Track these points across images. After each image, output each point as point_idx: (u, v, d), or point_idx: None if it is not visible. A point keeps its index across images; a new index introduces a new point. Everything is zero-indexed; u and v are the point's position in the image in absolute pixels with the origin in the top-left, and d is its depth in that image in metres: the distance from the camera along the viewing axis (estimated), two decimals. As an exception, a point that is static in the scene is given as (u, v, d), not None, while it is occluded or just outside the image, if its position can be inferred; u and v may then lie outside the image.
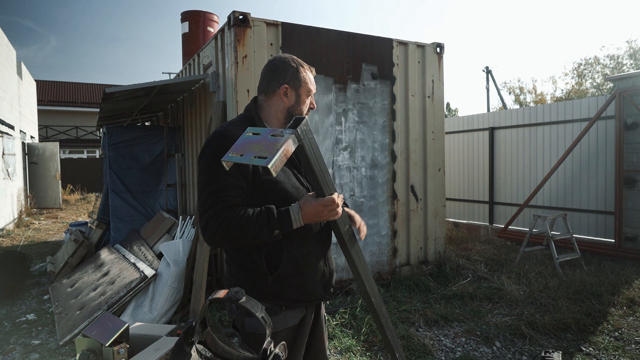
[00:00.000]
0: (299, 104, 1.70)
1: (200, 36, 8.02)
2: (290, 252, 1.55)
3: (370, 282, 1.75)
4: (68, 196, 16.52)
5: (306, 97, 1.71)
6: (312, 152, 1.41)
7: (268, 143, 1.27)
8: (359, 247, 1.72)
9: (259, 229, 1.43)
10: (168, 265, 4.29)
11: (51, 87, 26.47)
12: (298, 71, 1.69)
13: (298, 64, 1.69)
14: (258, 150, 1.27)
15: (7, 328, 4.11)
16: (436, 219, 5.58)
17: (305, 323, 1.66)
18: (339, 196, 1.58)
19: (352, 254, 1.67)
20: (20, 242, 8.29)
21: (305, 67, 1.71)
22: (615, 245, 6.05)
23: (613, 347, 3.47)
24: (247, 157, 1.26)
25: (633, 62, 23.00)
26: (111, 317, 1.62)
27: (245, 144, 1.32)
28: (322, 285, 1.66)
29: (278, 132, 1.30)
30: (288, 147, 1.26)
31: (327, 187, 1.49)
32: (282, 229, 1.45)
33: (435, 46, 5.53)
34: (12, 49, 11.62)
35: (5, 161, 10.11)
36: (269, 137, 1.30)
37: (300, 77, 1.69)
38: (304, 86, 1.70)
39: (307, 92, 1.71)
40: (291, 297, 1.58)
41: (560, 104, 7.04)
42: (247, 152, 1.28)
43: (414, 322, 3.98)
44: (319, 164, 1.46)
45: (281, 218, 1.45)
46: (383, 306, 1.81)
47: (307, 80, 1.71)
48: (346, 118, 4.87)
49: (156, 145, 6.70)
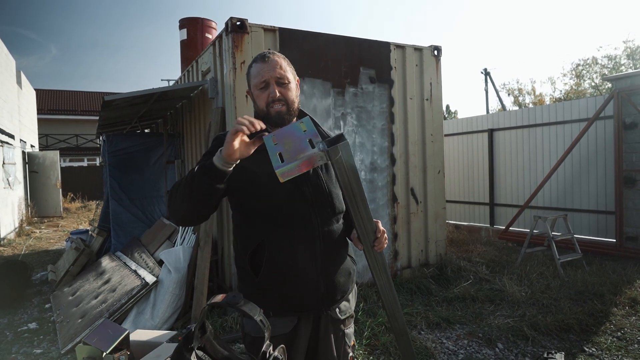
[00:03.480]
0: (255, 102, 1.56)
1: (199, 43, 8.04)
2: (273, 257, 1.48)
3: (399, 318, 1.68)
4: (69, 204, 16.52)
5: (257, 91, 1.53)
6: (343, 175, 1.29)
7: (299, 147, 1.19)
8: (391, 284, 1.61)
9: (185, 179, 1.34)
10: (169, 272, 4.29)
11: (51, 96, 26.54)
12: (248, 69, 1.58)
13: (252, 61, 1.57)
14: (287, 148, 1.20)
15: (8, 337, 4.11)
16: (437, 221, 5.57)
17: (299, 335, 1.53)
18: (380, 229, 1.48)
19: (383, 291, 1.59)
20: (22, 251, 8.29)
21: (256, 60, 1.55)
22: (616, 245, 6.04)
23: (616, 347, 3.46)
24: (275, 148, 1.19)
25: (631, 62, 23.05)
26: (111, 324, 1.62)
27: (287, 134, 1.22)
28: (317, 297, 1.53)
29: (317, 140, 1.21)
30: (310, 161, 1.17)
31: (359, 213, 1.38)
32: (202, 165, 1.30)
33: (433, 49, 5.55)
34: (11, 58, 11.67)
35: (6, 170, 10.13)
36: (306, 140, 1.21)
37: (249, 74, 1.57)
38: (251, 81, 1.56)
39: (255, 85, 1.54)
40: (276, 303, 1.50)
41: (559, 105, 7.05)
42: (281, 143, 1.20)
43: (416, 325, 3.98)
44: (352, 189, 1.33)
45: (206, 155, 1.37)
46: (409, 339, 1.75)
47: (253, 73, 1.55)
48: (345, 122, 4.88)
49: (156, 152, 6.72)
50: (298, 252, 1.49)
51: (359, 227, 1.44)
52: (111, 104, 4.93)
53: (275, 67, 1.51)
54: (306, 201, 1.51)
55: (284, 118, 1.51)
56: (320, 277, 1.52)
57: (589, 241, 6.38)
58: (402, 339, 1.71)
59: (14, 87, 11.79)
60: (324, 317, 1.57)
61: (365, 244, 1.48)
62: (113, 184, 6.37)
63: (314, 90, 4.68)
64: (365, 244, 1.48)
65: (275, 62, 1.53)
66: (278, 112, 1.50)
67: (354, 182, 1.33)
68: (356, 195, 1.36)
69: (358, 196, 1.36)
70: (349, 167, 1.28)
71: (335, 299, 1.58)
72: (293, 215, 1.50)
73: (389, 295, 1.61)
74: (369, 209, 1.43)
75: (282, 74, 1.52)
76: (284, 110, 1.51)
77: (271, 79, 1.50)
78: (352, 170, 1.30)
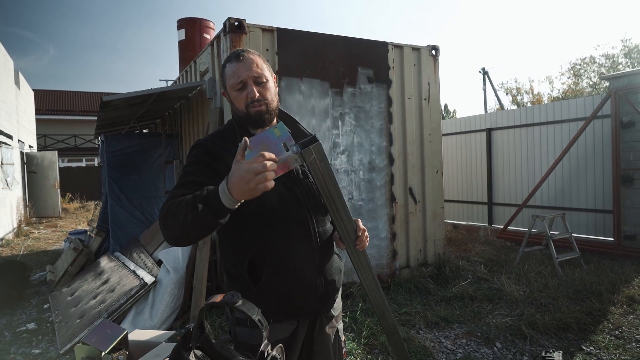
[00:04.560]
0: (233, 104, 1.50)
1: (197, 43, 8.04)
2: (273, 263, 1.44)
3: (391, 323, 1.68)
4: (67, 205, 16.50)
5: (234, 92, 1.47)
6: (319, 177, 1.30)
7: (273, 151, 1.18)
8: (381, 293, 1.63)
9: (185, 207, 1.22)
10: (168, 272, 4.29)
11: (49, 96, 26.51)
12: (222, 69, 1.51)
13: (225, 61, 1.51)
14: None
15: (7, 338, 4.11)
16: (435, 220, 5.58)
17: (297, 338, 1.51)
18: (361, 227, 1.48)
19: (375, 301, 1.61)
20: (20, 252, 8.28)
21: (230, 59, 1.49)
22: (614, 243, 6.06)
23: (614, 345, 3.47)
24: (250, 154, 1.16)
25: (628, 60, 23.10)
26: (110, 324, 1.63)
27: (261, 140, 1.22)
28: (317, 298, 1.51)
29: (290, 143, 1.22)
30: (285, 164, 1.19)
31: (338, 213, 1.38)
32: (207, 202, 1.18)
33: (431, 49, 5.56)
34: (9, 59, 11.65)
35: (4, 171, 10.11)
36: (280, 144, 1.21)
37: (224, 74, 1.50)
38: (227, 82, 1.49)
39: (232, 86, 1.47)
40: (277, 309, 1.45)
41: (557, 104, 7.07)
42: (256, 149, 1.18)
43: (414, 325, 3.98)
44: (329, 190, 1.33)
45: (208, 190, 1.21)
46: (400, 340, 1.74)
47: (228, 73, 1.48)
48: (343, 122, 4.88)
49: (154, 152, 6.72)
50: (297, 254, 1.46)
51: (339, 227, 1.44)
52: (109, 105, 4.93)
53: (252, 66, 1.45)
54: (299, 202, 1.48)
55: (264, 118, 1.47)
56: (318, 278, 1.51)
57: (586, 240, 6.40)
58: (393, 338, 1.71)
59: (11, 87, 11.77)
60: (320, 316, 1.57)
61: (347, 244, 1.48)
62: (111, 184, 6.36)
63: (312, 91, 4.68)
64: (347, 244, 1.48)
65: (251, 60, 1.46)
66: (258, 112, 1.46)
67: (330, 183, 1.32)
68: (333, 196, 1.35)
69: (335, 196, 1.36)
70: (323, 168, 1.28)
71: (333, 298, 1.59)
72: (289, 217, 1.47)
73: (377, 296, 1.61)
74: (347, 209, 1.43)
75: (260, 72, 1.46)
76: (264, 109, 1.46)
77: (248, 79, 1.44)
78: (326, 171, 1.30)
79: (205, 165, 1.42)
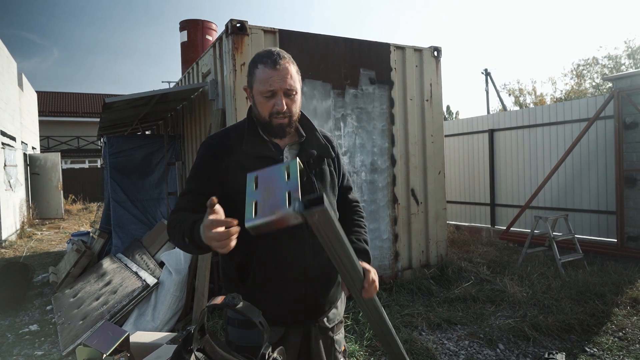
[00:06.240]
0: (256, 107, 1.47)
1: (199, 44, 8.06)
2: (260, 268, 1.44)
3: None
4: (70, 206, 16.54)
5: (262, 98, 1.42)
6: (322, 237, 1.19)
7: (276, 200, 1.08)
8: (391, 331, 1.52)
9: (179, 234, 1.31)
10: (170, 274, 4.29)
11: (52, 98, 26.60)
12: (252, 67, 1.45)
13: (258, 59, 1.44)
14: (265, 198, 1.10)
15: (10, 339, 4.12)
16: (437, 222, 5.57)
17: (288, 345, 1.47)
18: (370, 279, 1.38)
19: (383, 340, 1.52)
20: (23, 253, 8.30)
21: (265, 62, 1.41)
22: (617, 245, 6.03)
23: (617, 347, 3.46)
24: (253, 195, 1.09)
25: (631, 61, 23.03)
26: (112, 326, 1.63)
27: (269, 179, 1.12)
28: (303, 309, 1.48)
29: (295, 196, 1.08)
30: (283, 221, 1.07)
31: (343, 268, 1.29)
32: (192, 237, 1.24)
33: (433, 50, 5.55)
34: (12, 61, 11.70)
35: (7, 172, 10.15)
36: (285, 192, 1.09)
37: (253, 74, 1.44)
38: (255, 84, 1.43)
39: (260, 92, 1.42)
40: (263, 313, 1.44)
41: (559, 105, 7.05)
42: (260, 189, 1.10)
43: (416, 326, 3.97)
44: (334, 249, 1.23)
45: (193, 227, 1.25)
46: None
47: (259, 77, 1.42)
48: (345, 123, 4.88)
49: (156, 153, 6.73)
50: (284, 263, 1.45)
51: (344, 279, 1.37)
52: (112, 106, 4.94)
53: (286, 77, 1.41)
54: None
55: (285, 131, 1.47)
56: (308, 290, 1.48)
57: (590, 241, 6.37)
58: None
59: (15, 89, 11.82)
60: (314, 327, 1.54)
61: (353, 293, 1.41)
62: (114, 186, 6.38)
63: (314, 92, 4.69)
64: (353, 293, 1.41)
65: (286, 70, 1.42)
66: (280, 125, 1.44)
67: (335, 243, 1.21)
68: (339, 254, 1.26)
69: (342, 255, 1.26)
70: (327, 231, 1.17)
71: (324, 311, 1.55)
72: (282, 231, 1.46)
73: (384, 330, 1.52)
74: (355, 261, 1.34)
75: (292, 85, 1.43)
76: (286, 122, 1.45)
77: (280, 90, 1.41)
78: (332, 233, 1.18)
79: (206, 168, 1.47)
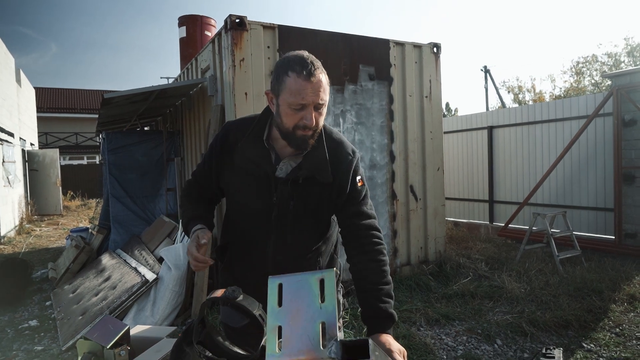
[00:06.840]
0: (280, 116, 1.36)
1: (198, 40, 8.04)
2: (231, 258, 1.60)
3: None
4: (69, 202, 16.53)
5: (289, 109, 1.32)
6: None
7: (308, 331, 0.88)
8: None
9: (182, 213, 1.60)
10: (169, 269, 4.30)
11: (50, 94, 26.52)
12: (282, 73, 1.32)
13: (288, 65, 1.31)
14: (293, 326, 0.90)
15: (9, 335, 4.12)
16: (436, 218, 5.59)
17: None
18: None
19: None
20: (22, 249, 8.30)
21: (299, 72, 1.29)
22: (615, 241, 6.06)
23: (614, 343, 3.48)
24: (275, 316, 0.92)
25: (631, 59, 23.04)
26: (112, 319, 1.63)
27: (298, 294, 0.94)
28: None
29: (332, 333, 0.87)
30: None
31: None
32: (186, 231, 1.51)
33: (432, 46, 5.55)
34: (10, 56, 11.66)
35: (6, 169, 10.13)
36: (318, 324, 0.89)
37: (282, 81, 1.32)
38: (283, 93, 1.32)
39: (289, 103, 1.31)
40: None
41: (558, 102, 7.06)
42: (288, 309, 0.92)
43: (415, 322, 3.99)
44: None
45: (188, 224, 1.52)
46: None
47: (290, 87, 1.29)
48: (344, 119, 4.88)
49: (155, 149, 6.72)
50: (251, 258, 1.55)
51: None
52: (111, 102, 4.94)
53: (319, 91, 1.31)
54: (268, 213, 1.46)
55: (307, 143, 1.39)
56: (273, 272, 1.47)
57: (588, 238, 6.40)
58: None
59: (13, 85, 11.78)
60: None
61: None
62: (113, 182, 6.37)
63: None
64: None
65: (319, 83, 1.31)
66: (304, 137, 1.37)
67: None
68: None
69: None
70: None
71: None
72: (253, 223, 1.52)
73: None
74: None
75: (324, 99, 1.34)
76: (310, 134, 1.37)
77: (311, 104, 1.31)
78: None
79: (213, 157, 1.55)
